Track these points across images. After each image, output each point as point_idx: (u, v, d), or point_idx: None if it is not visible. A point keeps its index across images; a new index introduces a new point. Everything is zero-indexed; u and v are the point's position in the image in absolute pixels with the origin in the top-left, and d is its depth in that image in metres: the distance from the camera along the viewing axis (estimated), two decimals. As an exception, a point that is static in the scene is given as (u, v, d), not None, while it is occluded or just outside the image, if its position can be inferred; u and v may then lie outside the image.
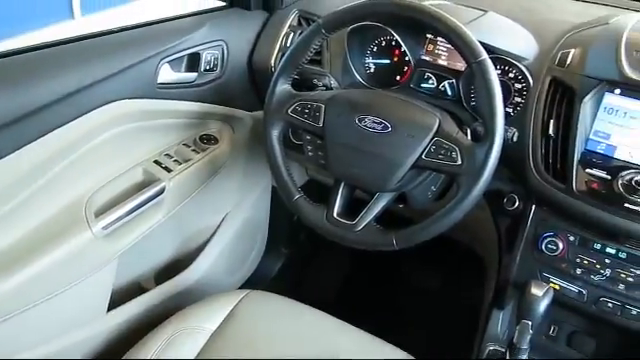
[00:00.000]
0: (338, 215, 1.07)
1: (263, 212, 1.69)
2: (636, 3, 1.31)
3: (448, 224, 0.99)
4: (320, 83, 1.23)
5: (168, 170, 1.28)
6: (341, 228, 1.06)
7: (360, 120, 1.03)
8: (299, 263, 1.91)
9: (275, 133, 1.11)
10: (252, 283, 1.71)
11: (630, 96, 1.01)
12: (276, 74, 1.09)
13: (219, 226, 1.52)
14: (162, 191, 1.25)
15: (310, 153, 1.16)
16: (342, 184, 1.08)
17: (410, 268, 1.84)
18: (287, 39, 1.33)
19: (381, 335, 1.13)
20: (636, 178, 0.99)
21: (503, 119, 0.96)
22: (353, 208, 1.09)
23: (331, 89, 1.22)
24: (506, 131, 1.06)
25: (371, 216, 1.05)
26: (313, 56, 1.15)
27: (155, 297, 1.36)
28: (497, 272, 1.19)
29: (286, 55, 1.09)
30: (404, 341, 1.13)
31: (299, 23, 1.35)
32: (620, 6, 1.28)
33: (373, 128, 1.02)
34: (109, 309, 1.27)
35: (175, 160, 1.32)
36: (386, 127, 1.02)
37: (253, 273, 1.74)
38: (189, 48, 1.25)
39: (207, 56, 1.29)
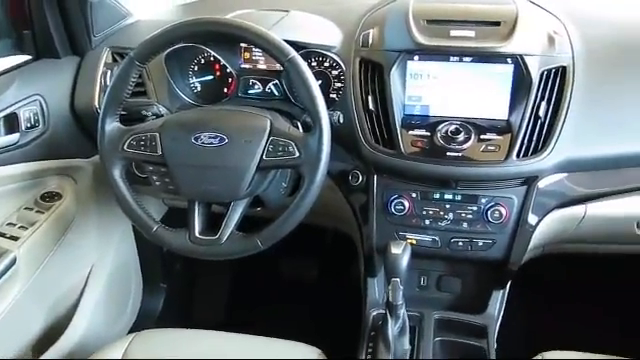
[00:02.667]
0: (200, 233, 1.09)
1: (131, 254, 1.66)
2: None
3: (303, 212, 1.05)
4: (149, 113, 1.23)
5: (15, 239, 1.22)
6: (206, 245, 1.08)
7: (196, 139, 1.06)
8: (182, 293, 1.89)
9: (117, 173, 1.10)
10: (139, 326, 1.66)
11: (427, 59, 1.14)
12: (101, 114, 1.08)
13: (87, 280, 1.46)
14: (14, 262, 1.19)
15: (157, 183, 1.16)
16: (196, 203, 1.10)
17: (290, 266, 1.90)
18: (105, 78, 1.31)
19: (280, 335, 1.17)
20: (450, 129, 1.12)
21: (325, 106, 1.03)
22: (214, 223, 1.11)
23: (162, 116, 1.23)
24: (331, 115, 1.15)
25: (232, 226, 1.08)
26: (136, 88, 1.15)
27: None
28: (361, 244, 1.28)
29: (106, 94, 1.09)
30: (302, 335, 1.18)
31: (114, 60, 1.35)
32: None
33: (210, 143, 1.05)
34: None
35: (20, 226, 1.25)
36: (222, 139, 1.05)
37: (138, 316, 1.70)
38: (2, 110, 1.20)
39: (25, 114, 1.24)
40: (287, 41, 1.07)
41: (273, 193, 1.18)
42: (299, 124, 1.17)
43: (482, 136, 1.11)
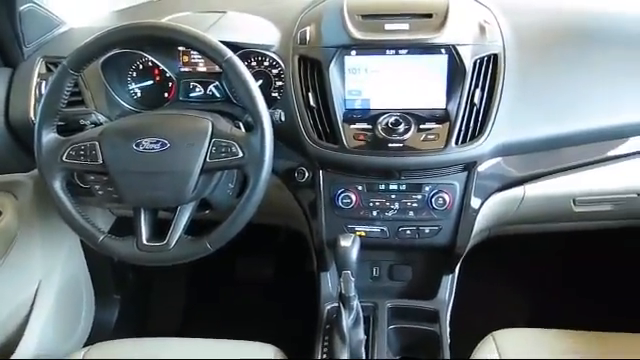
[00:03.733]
0: (148, 240, 1.08)
1: (80, 266, 1.62)
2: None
3: (251, 212, 1.05)
4: (88, 122, 1.21)
5: (-45, 259, 1.18)
6: (155, 252, 1.07)
7: (137, 145, 1.05)
8: (137, 302, 1.86)
9: (57, 185, 1.07)
10: (94, 340, 1.63)
11: (364, 54, 1.16)
12: (37, 126, 1.06)
13: (35, 297, 1.42)
14: None
15: (100, 192, 1.14)
16: (142, 210, 1.09)
17: (245, 266, 1.90)
18: (40, 88, 1.27)
19: (238, 336, 1.17)
20: (391, 120, 1.14)
21: (265, 105, 1.04)
22: (162, 229, 1.10)
23: (101, 125, 1.21)
24: (273, 114, 1.16)
25: (179, 230, 1.08)
26: (73, 97, 1.13)
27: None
28: (312, 239, 1.29)
29: (41, 105, 1.06)
30: (260, 334, 1.18)
31: (48, 69, 1.31)
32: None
33: (152, 149, 1.04)
34: None
35: (-40, 248, 1.21)
36: (164, 144, 1.04)
37: (92, 330, 1.66)
38: None
39: None
40: (224, 42, 1.07)
41: (220, 195, 1.17)
42: (241, 124, 1.17)
43: (422, 126, 1.14)
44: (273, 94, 1.24)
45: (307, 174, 1.22)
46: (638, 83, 1.20)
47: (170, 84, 1.28)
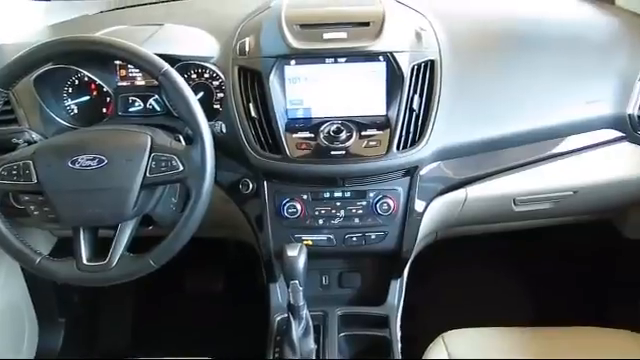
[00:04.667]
0: (89, 260, 1.05)
1: (20, 291, 1.56)
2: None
3: (194, 225, 1.04)
4: (21, 140, 1.17)
5: None
6: (96, 272, 1.04)
7: (73, 162, 1.02)
8: (84, 324, 1.80)
9: None
10: (39, 366, 1.58)
11: (304, 63, 1.16)
12: None
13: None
14: None
15: (36, 212, 1.10)
16: (81, 230, 1.06)
17: (195, 281, 1.87)
18: None
19: (189, 351, 1.15)
20: (332, 128, 1.15)
21: (204, 117, 1.03)
22: (103, 248, 1.07)
23: (35, 143, 1.17)
24: (213, 126, 1.15)
25: (121, 248, 1.05)
26: (5, 116, 1.10)
27: None
28: (260, 251, 1.28)
29: None
30: (212, 348, 1.16)
31: None
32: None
33: (89, 166, 1.02)
34: None
35: None
36: (101, 160, 1.02)
37: (36, 356, 1.60)
38: None
39: None
40: (161, 55, 1.06)
41: (164, 210, 1.15)
42: (182, 138, 1.15)
43: (363, 133, 1.15)
44: (215, 106, 1.23)
45: (252, 185, 1.22)
46: (569, 84, 1.25)
47: (108, 99, 1.26)
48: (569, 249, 1.80)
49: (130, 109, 1.25)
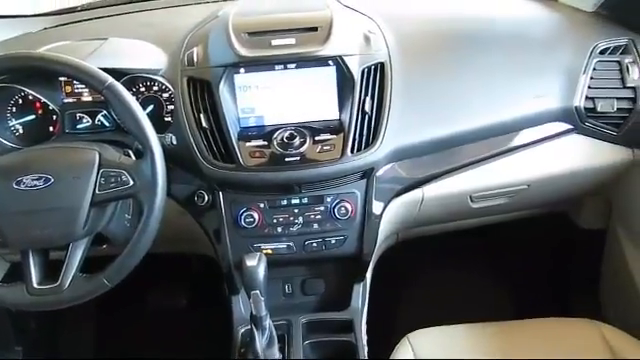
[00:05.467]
0: (39, 284, 1.02)
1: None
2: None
3: (148, 241, 1.01)
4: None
5: None
6: (48, 295, 1.01)
7: (18, 183, 0.99)
8: (42, 351, 1.74)
9: None
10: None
11: (253, 71, 1.15)
12: None
13: None
14: None
15: (-21, 237, 1.06)
16: (30, 252, 1.02)
17: (158, 298, 1.83)
18: None
19: None
20: (285, 135, 1.14)
21: (152, 129, 1.02)
22: (55, 270, 1.04)
23: None
24: (163, 138, 1.13)
25: (73, 269, 1.02)
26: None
27: None
28: (220, 263, 1.26)
29: None
30: None
31: None
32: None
33: (35, 186, 0.99)
34: None
35: None
36: (48, 180, 0.99)
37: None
38: None
39: None
40: (106, 69, 1.04)
41: (117, 227, 1.13)
42: (131, 152, 1.13)
43: (317, 137, 1.14)
44: (166, 118, 1.21)
45: (207, 197, 1.20)
46: (517, 81, 1.27)
47: (54, 117, 1.22)
48: (528, 243, 1.83)
49: (78, 126, 1.22)
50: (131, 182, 0.99)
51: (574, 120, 1.28)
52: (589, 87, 1.27)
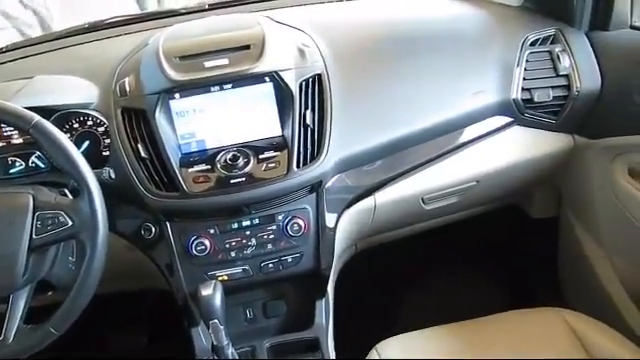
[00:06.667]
0: None
1: None
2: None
3: (94, 282, 0.97)
4: None
5: None
6: None
7: None
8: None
9: None
10: None
11: (189, 95, 1.12)
12: None
13: None
14: None
15: None
16: None
17: (117, 340, 1.76)
18: None
19: None
20: (228, 157, 1.12)
21: (86, 164, 0.97)
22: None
23: None
24: (101, 173, 1.09)
25: (17, 321, 0.97)
26: None
27: None
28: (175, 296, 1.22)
29: None
30: None
31: None
32: (158, 26, 1.40)
33: None
34: None
35: None
36: None
37: None
38: None
39: None
40: (34, 108, 1.01)
41: (62, 271, 1.07)
42: (67, 191, 1.08)
43: (261, 156, 1.12)
44: (104, 153, 1.16)
45: (154, 229, 1.16)
46: (454, 79, 1.28)
47: None
48: (485, 240, 1.84)
49: (11, 170, 1.16)
50: (70, 222, 0.95)
51: (514, 112, 1.30)
52: (524, 79, 1.29)
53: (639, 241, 1.29)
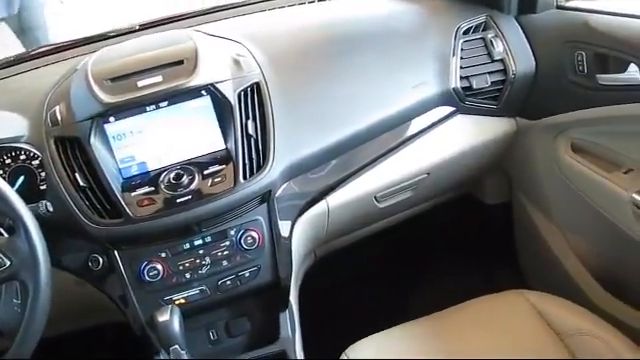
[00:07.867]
0: None
1: None
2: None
3: (41, 323, 0.92)
4: None
5: None
6: None
7: None
8: None
9: None
10: None
11: (124, 117, 1.08)
12: None
13: None
14: None
15: None
16: None
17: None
18: None
19: None
20: (171, 176, 1.08)
21: (19, 199, 0.93)
22: None
23: None
24: (37, 208, 1.05)
25: None
26: None
27: None
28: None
29: None
30: None
31: None
32: (88, 52, 1.35)
33: None
34: None
35: None
36: None
37: None
38: None
39: None
40: None
41: (6, 315, 1.01)
42: (3, 230, 1.03)
43: (206, 172, 1.09)
44: (42, 187, 1.11)
45: (102, 259, 1.11)
46: (393, 75, 1.28)
47: None
48: (443, 232, 1.85)
49: None
50: (7, 262, 0.90)
51: (455, 102, 1.31)
52: (461, 67, 1.31)
53: (588, 213, 1.31)
